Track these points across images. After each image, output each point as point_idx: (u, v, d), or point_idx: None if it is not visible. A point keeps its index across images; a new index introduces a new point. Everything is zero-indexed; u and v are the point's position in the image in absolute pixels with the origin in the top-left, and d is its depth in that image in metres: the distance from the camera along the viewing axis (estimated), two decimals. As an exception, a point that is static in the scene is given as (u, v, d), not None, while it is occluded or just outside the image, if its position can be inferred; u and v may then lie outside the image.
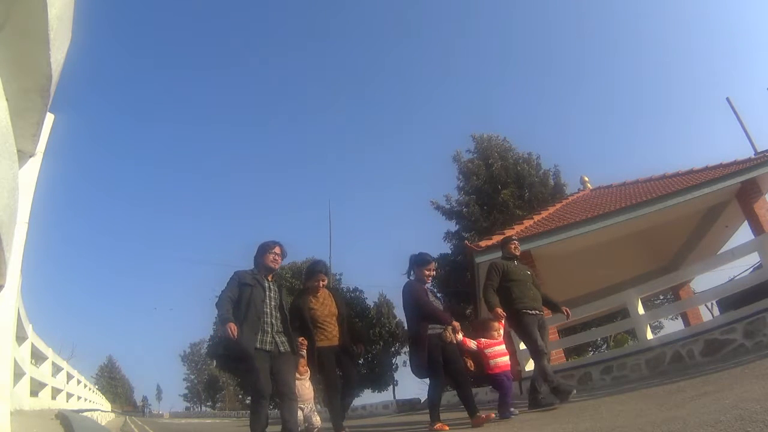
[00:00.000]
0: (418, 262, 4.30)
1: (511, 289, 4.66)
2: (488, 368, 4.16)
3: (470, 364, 4.17)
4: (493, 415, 3.82)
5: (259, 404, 3.33)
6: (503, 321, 4.46)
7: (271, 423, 3.51)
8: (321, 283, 4.36)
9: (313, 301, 4.30)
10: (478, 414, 3.77)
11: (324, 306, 4.30)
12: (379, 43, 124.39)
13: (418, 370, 4.05)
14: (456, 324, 4.01)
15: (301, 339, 3.97)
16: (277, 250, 3.79)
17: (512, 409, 3.95)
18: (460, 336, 4.03)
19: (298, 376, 4.05)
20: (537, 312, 4.67)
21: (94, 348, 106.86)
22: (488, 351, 4.18)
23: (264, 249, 3.77)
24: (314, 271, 4.41)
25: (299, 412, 4.11)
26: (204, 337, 48.10)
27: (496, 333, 4.31)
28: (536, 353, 4.48)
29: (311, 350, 4.11)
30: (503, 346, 4.30)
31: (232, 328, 3.21)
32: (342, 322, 4.32)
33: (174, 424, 22.43)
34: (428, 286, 4.39)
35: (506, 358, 4.27)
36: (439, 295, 4.23)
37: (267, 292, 3.61)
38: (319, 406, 4.26)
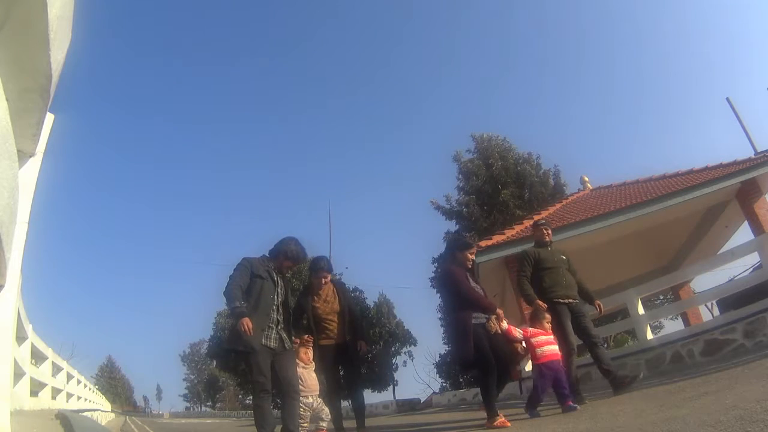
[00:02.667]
0: (459, 245, 4.03)
1: (543, 278, 4.46)
2: (534, 358, 3.90)
3: (521, 348, 3.88)
4: (509, 424, 3.42)
5: (261, 398, 3.24)
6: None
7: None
8: (324, 281, 4.30)
9: (315, 299, 4.27)
10: (496, 416, 3.48)
11: (327, 303, 4.26)
12: (378, 43, 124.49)
13: (463, 363, 3.76)
14: (500, 311, 3.75)
15: (307, 336, 3.96)
16: (295, 267, 3.78)
17: (571, 403, 3.63)
18: (504, 324, 3.75)
19: (302, 365, 3.91)
20: (571, 301, 4.44)
21: (94, 348, 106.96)
22: (534, 340, 3.93)
23: (285, 256, 3.65)
24: (317, 268, 4.34)
25: (313, 402, 3.92)
26: (204, 338, 48.08)
27: (547, 324, 4.06)
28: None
29: (315, 348, 4.09)
30: (551, 336, 4.06)
31: (248, 325, 3.10)
32: (344, 319, 4.25)
33: (174, 424, 22.44)
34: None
35: (554, 347, 3.99)
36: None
37: (276, 288, 3.54)
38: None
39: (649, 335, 6.65)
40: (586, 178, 13.20)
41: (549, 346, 3.96)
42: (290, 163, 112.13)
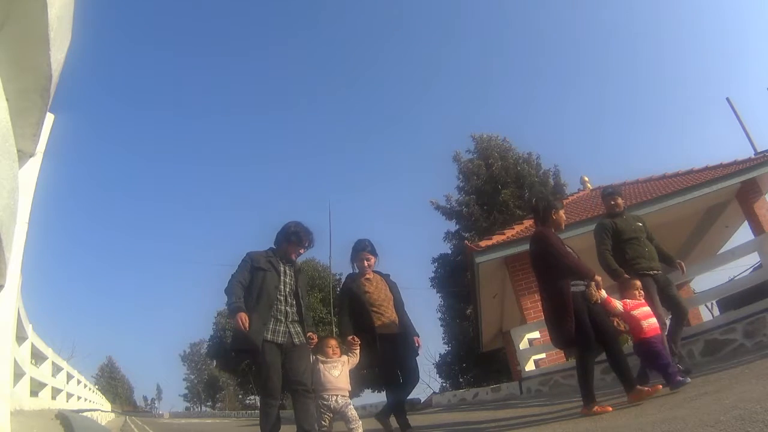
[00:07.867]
0: (553, 205, 3.69)
1: (625, 250, 4.23)
2: (640, 332, 3.52)
3: (620, 324, 3.54)
4: (660, 387, 3.15)
5: (268, 405, 3.11)
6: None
7: (287, 423, 3.34)
8: (367, 263, 4.11)
9: (366, 284, 4.05)
10: (638, 387, 3.18)
11: (379, 290, 4.05)
12: (377, 42, 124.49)
13: (566, 340, 3.35)
14: (598, 278, 3.37)
15: (351, 338, 3.71)
16: (301, 251, 3.54)
17: (680, 378, 3.29)
18: (603, 293, 3.40)
19: (323, 359, 3.49)
20: (655, 272, 4.21)
21: (94, 348, 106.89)
22: (636, 312, 3.57)
23: (287, 240, 3.45)
24: (358, 249, 4.14)
25: (332, 403, 3.42)
26: (204, 338, 48.14)
27: (637, 293, 3.72)
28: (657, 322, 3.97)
29: (371, 336, 3.82)
30: (648, 308, 3.69)
31: (243, 319, 2.99)
32: (400, 308, 4.08)
33: (175, 424, 22.43)
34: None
35: (655, 320, 3.65)
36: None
37: (282, 277, 3.32)
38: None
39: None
40: (586, 178, 13.21)
41: (652, 318, 3.62)
42: (291, 162, 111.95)
